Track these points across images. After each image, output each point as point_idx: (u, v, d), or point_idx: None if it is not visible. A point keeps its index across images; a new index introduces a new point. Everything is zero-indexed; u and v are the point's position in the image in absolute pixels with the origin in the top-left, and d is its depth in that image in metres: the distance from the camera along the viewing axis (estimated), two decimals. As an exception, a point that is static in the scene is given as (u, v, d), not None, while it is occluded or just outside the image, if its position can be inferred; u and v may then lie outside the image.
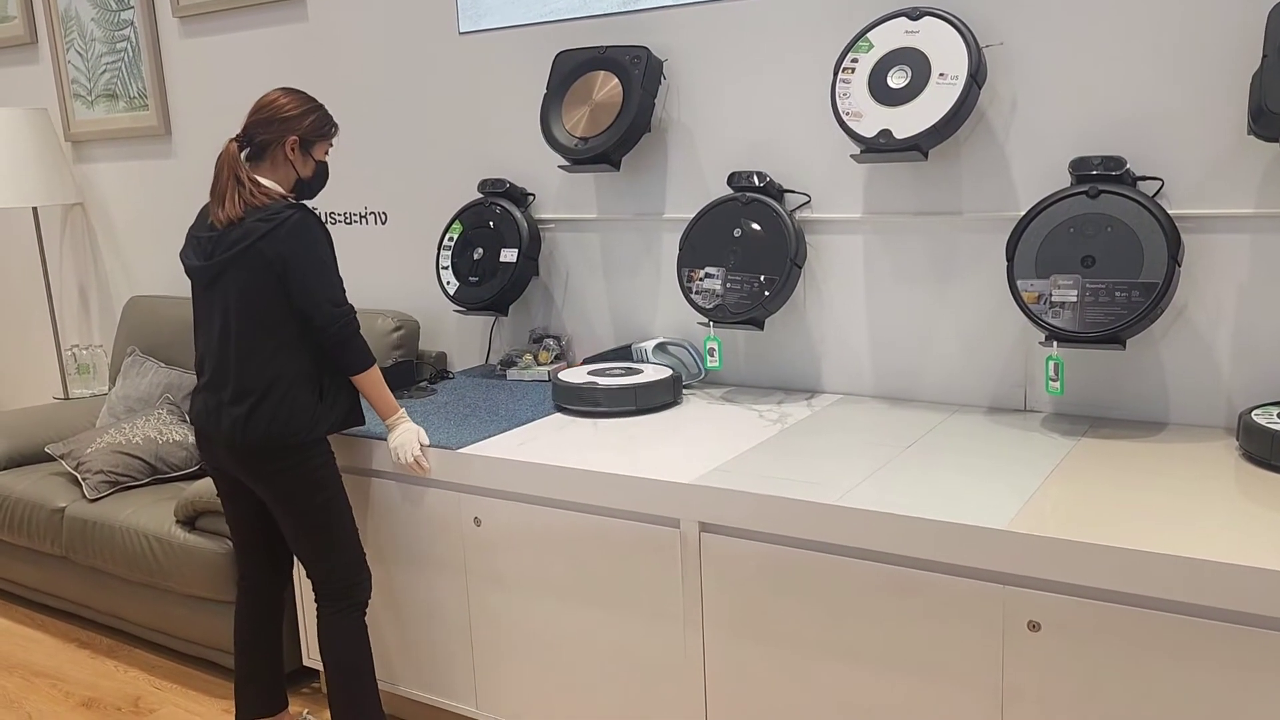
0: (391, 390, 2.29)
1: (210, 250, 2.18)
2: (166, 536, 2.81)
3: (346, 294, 2.24)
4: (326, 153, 2.31)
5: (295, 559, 2.46)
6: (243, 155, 2.21)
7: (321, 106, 2.28)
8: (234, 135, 2.23)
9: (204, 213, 2.25)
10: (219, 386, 2.19)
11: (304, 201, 2.25)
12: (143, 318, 3.71)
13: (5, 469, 3.38)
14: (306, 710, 2.64)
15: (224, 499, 2.35)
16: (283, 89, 2.26)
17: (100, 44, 3.91)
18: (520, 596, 2.25)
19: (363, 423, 2.32)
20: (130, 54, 3.82)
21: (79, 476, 3.13)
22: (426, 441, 2.27)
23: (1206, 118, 2.07)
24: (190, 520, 2.81)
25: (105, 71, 3.92)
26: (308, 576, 2.29)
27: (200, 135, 3.73)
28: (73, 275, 4.31)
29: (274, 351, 2.15)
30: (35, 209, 4.11)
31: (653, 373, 2.53)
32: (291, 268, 2.13)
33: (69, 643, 3.15)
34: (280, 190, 2.23)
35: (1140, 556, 1.56)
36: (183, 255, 2.25)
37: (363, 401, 2.29)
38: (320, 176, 2.32)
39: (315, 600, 2.28)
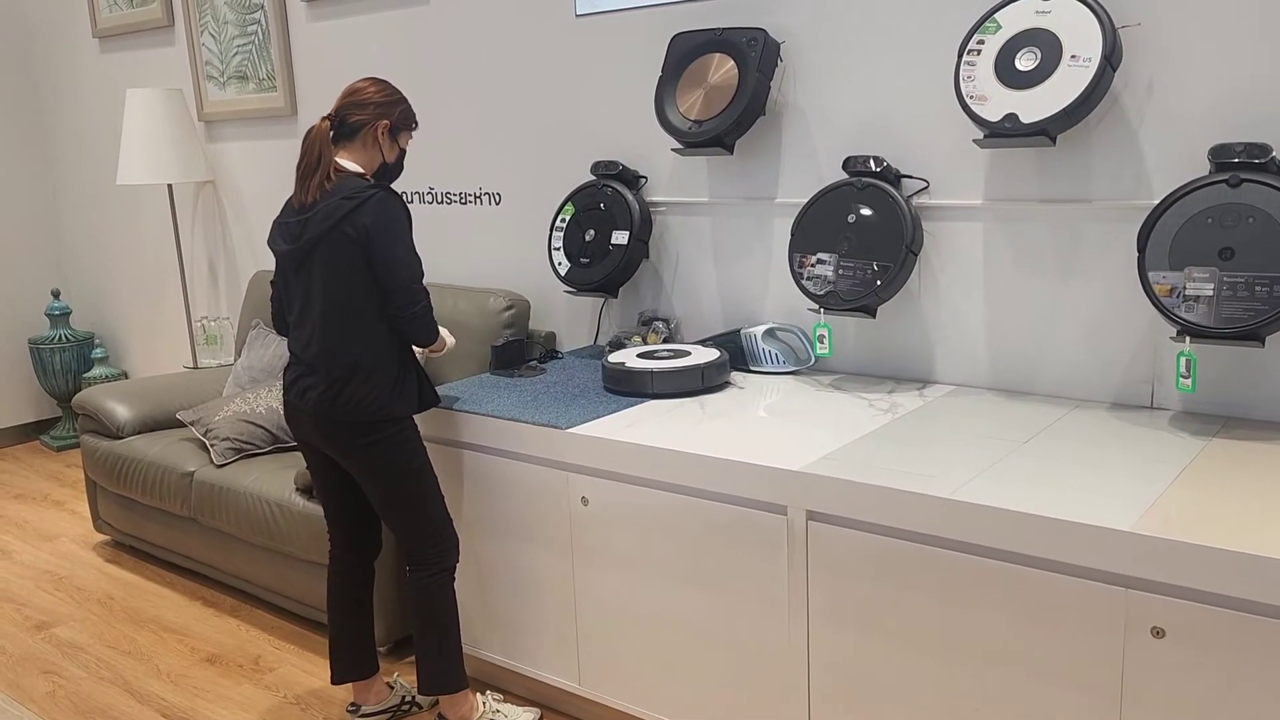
0: (500, 369, 2.34)
1: (299, 233, 2.24)
2: (287, 503, 2.93)
3: (424, 274, 2.29)
4: (408, 141, 2.39)
5: (384, 527, 2.53)
6: (331, 135, 2.28)
7: (406, 99, 2.37)
8: (325, 114, 2.30)
9: (290, 202, 2.32)
10: (308, 366, 2.26)
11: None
12: (267, 292, 3.85)
13: (140, 433, 3.57)
14: (398, 674, 2.72)
15: (312, 471, 2.43)
16: (371, 79, 2.33)
17: (232, 27, 4.06)
18: (626, 577, 2.27)
19: (438, 402, 2.37)
20: (260, 37, 3.96)
21: (207, 443, 3.28)
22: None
23: (1364, 102, 1.94)
24: (309, 489, 2.91)
25: (237, 54, 4.07)
26: (398, 543, 2.36)
27: (324, 116, 3.85)
28: (203, 250, 4.50)
29: (359, 330, 2.22)
30: (170, 186, 4.31)
31: (701, 355, 2.55)
32: (375, 240, 2.18)
33: (195, 600, 3.32)
34: (360, 171, 2.29)
35: (1275, 564, 1.49)
36: (270, 243, 2.32)
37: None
38: (399, 165, 2.40)
39: (406, 565, 2.36)
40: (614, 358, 2.57)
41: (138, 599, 3.35)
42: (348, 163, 2.28)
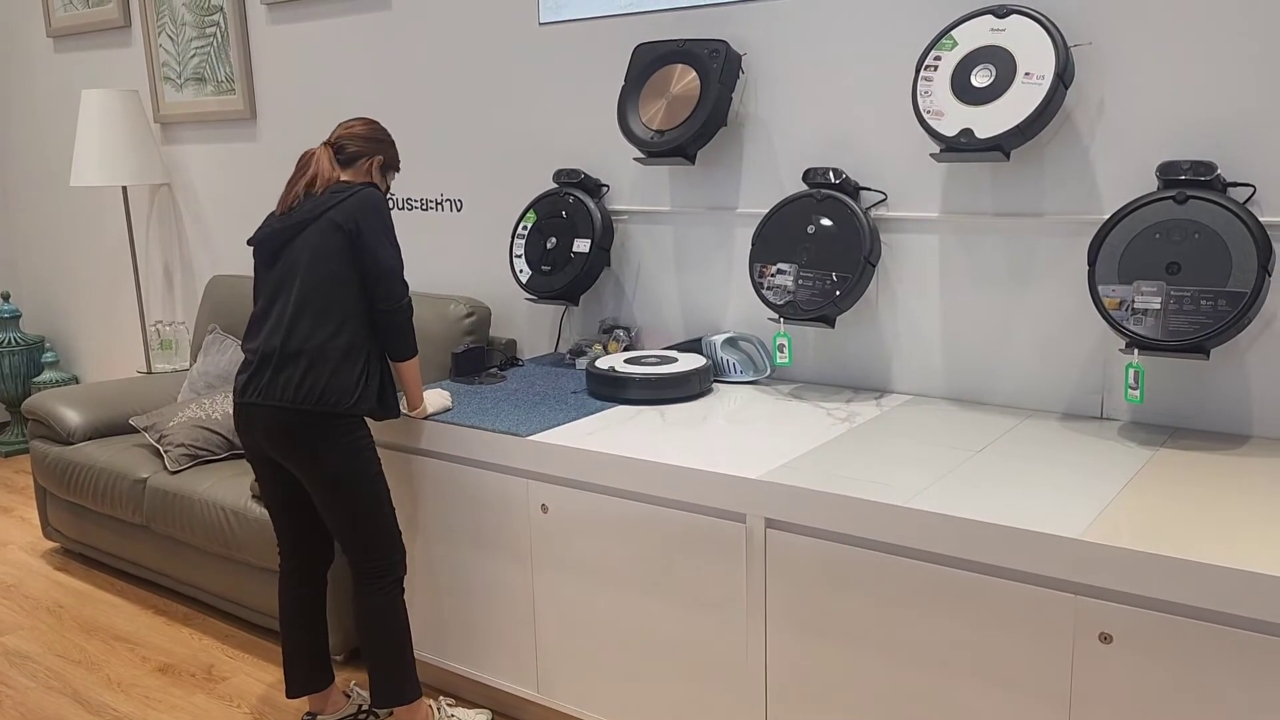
0: (461, 376, 2.34)
1: (279, 226, 2.29)
2: (242, 510, 2.90)
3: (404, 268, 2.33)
4: (393, 179, 2.49)
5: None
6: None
7: (395, 143, 2.46)
8: (326, 141, 2.35)
9: (270, 216, 2.36)
10: (270, 355, 2.22)
11: None
12: (224, 296, 3.82)
13: (91, 439, 3.51)
14: (354, 681, 2.70)
15: (261, 483, 2.38)
16: (365, 119, 2.40)
17: (190, 28, 4.01)
18: (586, 584, 2.27)
19: (398, 415, 2.34)
20: (219, 39, 3.92)
21: (161, 449, 3.24)
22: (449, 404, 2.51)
23: (1304, 123, 2.01)
24: (266, 495, 2.89)
25: (195, 55, 4.03)
26: (345, 554, 2.31)
27: (284, 120, 3.82)
28: (158, 253, 4.44)
29: (331, 321, 2.21)
30: (125, 188, 4.25)
31: (687, 362, 2.60)
32: (363, 229, 2.23)
33: (147, 609, 3.27)
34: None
35: (1220, 572, 1.53)
36: (250, 240, 2.34)
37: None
38: None
39: (354, 578, 2.31)
40: (602, 363, 2.60)
41: (88, 607, 3.29)
42: (346, 178, 2.35)
